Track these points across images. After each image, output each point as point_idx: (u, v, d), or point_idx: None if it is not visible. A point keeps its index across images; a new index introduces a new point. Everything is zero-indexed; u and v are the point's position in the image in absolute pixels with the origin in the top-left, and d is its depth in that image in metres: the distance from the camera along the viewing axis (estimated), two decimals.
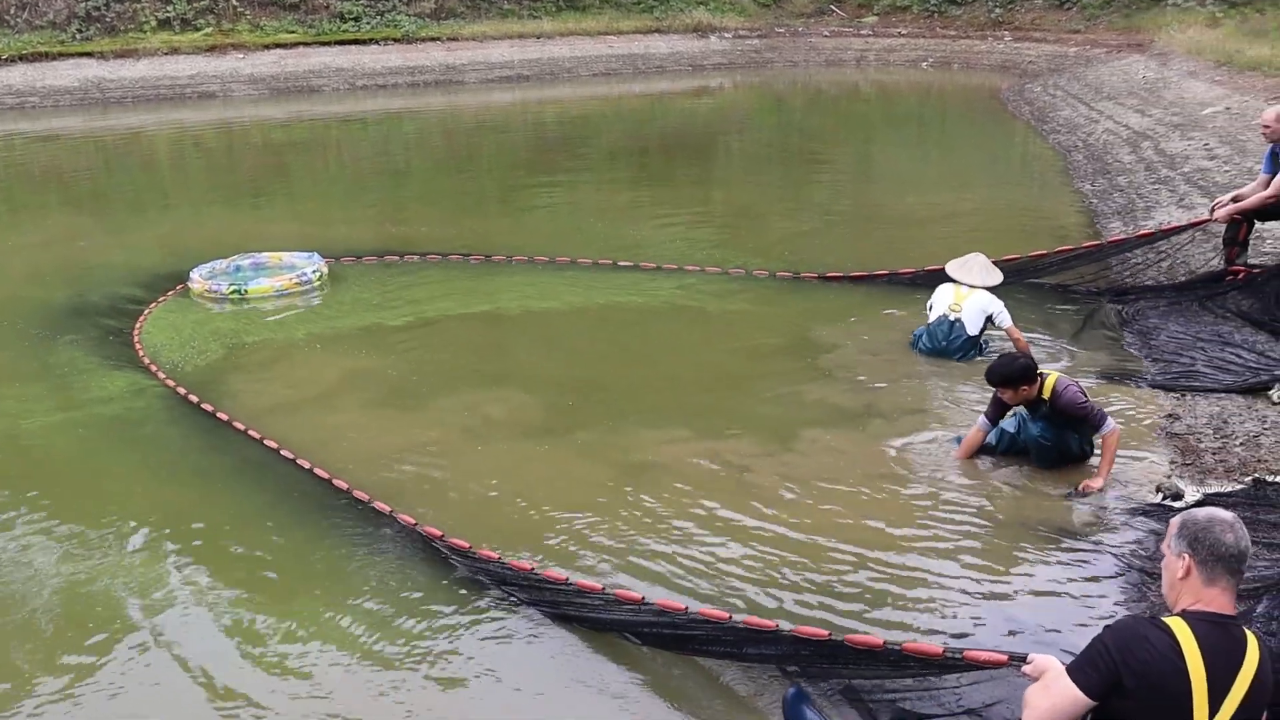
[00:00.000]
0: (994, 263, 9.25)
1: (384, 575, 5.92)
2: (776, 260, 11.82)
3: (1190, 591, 3.37)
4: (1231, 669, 3.24)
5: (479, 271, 11.86)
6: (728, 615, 4.92)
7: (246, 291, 10.90)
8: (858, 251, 12.21)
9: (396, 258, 12.24)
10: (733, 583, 5.68)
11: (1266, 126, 9.22)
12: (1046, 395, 6.60)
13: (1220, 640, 3.27)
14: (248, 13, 33.42)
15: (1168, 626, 3.28)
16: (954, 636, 5.12)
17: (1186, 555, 3.37)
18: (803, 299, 10.60)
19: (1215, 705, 3.20)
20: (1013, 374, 6.62)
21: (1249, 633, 3.35)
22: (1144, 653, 3.25)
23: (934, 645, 4.48)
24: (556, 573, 5.59)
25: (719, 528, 6.24)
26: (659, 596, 5.32)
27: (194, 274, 11.25)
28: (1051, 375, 6.66)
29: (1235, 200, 9.53)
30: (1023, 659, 3.90)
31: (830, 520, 6.28)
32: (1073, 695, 3.36)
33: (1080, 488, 6.44)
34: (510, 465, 7.18)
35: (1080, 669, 3.37)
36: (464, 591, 5.71)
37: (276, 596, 5.85)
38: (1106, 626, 3.43)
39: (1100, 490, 6.37)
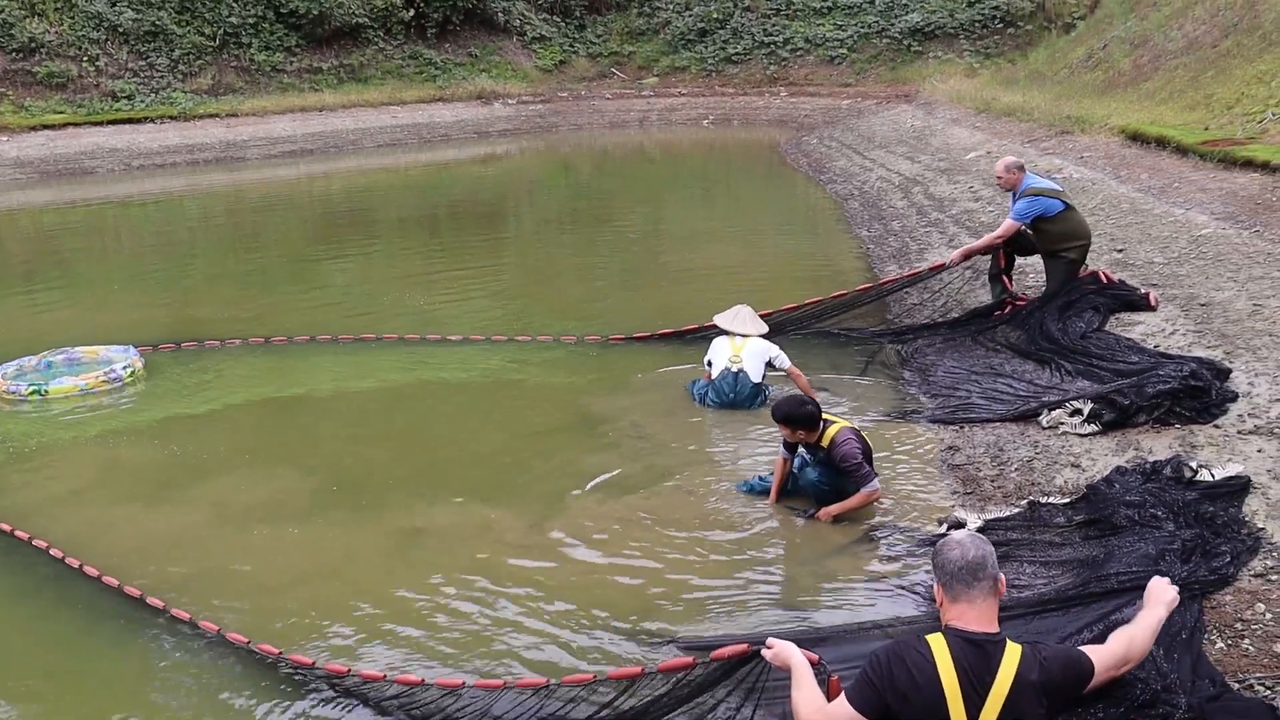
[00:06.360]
0: (770, 313, 9.95)
1: (189, 683, 5.63)
2: (571, 323, 11.89)
3: (948, 610, 3.76)
4: (985, 676, 3.59)
5: (297, 352, 11.40)
6: (461, 681, 4.96)
7: (47, 392, 10.16)
8: (652, 309, 12.40)
9: (218, 343, 11.66)
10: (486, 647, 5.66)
11: (999, 178, 9.98)
12: (826, 444, 6.80)
13: (972, 653, 3.62)
14: (10, 93, 32.12)
15: (927, 643, 3.67)
16: None
17: (937, 582, 3.84)
18: (593, 362, 10.63)
19: (973, 712, 3.56)
20: (794, 416, 6.81)
21: (1010, 642, 3.69)
22: (903, 672, 3.62)
23: (684, 658, 4.49)
24: (336, 665, 5.43)
25: (477, 596, 6.18)
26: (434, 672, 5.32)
27: None
28: (836, 426, 6.83)
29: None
30: (762, 643, 4.21)
31: (603, 578, 6.31)
32: (849, 714, 3.71)
33: (819, 514, 6.76)
34: (272, 549, 6.98)
35: (858, 692, 3.72)
36: (278, 698, 5.44)
37: None
38: (873, 652, 3.77)
39: (830, 519, 6.71)
